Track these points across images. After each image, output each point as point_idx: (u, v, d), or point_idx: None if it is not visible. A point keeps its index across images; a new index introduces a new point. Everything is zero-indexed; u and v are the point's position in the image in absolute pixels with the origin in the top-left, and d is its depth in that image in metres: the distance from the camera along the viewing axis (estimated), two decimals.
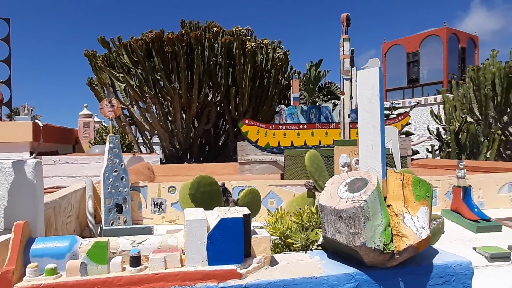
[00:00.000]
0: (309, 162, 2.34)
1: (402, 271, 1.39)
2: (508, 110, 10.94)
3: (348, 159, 3.99)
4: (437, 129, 11.96)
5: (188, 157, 8.20)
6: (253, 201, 2.05)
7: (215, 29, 7.57)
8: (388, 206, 1.45)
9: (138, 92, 7.67)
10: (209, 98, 7.76)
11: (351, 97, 4.34)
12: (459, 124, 11.08)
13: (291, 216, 1.79)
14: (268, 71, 8.04)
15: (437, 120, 12.44)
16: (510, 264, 2.44)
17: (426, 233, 1.38)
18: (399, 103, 17.69)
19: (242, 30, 7.85)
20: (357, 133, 5.04)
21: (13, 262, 1.12)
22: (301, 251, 1.60)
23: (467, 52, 21.90)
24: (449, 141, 11.30)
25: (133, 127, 8.63)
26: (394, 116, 6.28)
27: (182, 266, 1.26)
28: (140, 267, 1.20)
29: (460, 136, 10.78)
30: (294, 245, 1.62)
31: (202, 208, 1.46)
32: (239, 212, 1.38)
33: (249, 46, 7.28)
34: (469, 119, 11.71)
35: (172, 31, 7.43)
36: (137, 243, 1.29)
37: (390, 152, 4.18)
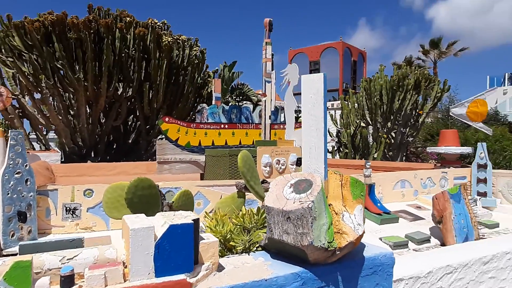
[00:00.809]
0: (242, 162, 2.32)
1: (341, 265, 1.49)
2: (392, 117, 12.73)
3: (270, 159, 4.11)
4: (336, 131, 13.23)
5: (93, 156, 7.44)
6: (187, 203, 1.96)
7: (127, 19, 7.02)
8: (329, 205, 1.53)
9: (32, 80, 6.64)
10: (119, 93, 7.16)
11: (271, 99, 4.48)
12: (354, 128, 12.47)
13: (230, 218, 1.75)
14: (184, 69, 7.80)
15: (335, 124, 13.79)
16: (408, 250, 2.82)
17: (362, 229, 1.49)
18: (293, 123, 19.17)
19: (158, 24, 7.45)
20: (275, 134, 5.25)
21: None
22: (243, 253, 1.58)
23: (358, 65, 24.98)
24: (346, 143, 12.64)
25: (24, 120, 7.44)
26: None
27: (125, 281, 1.12)
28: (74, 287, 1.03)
29: (355, 139, 12.14)
30: (236, 248, 1.59)
31: (143, 214, 1.32)
32: (186, 217, 1.29)
33: (165, 41, 6.95)
34: (362, 124, 13.27)
35: (77, 15, 6.65)
36: (68, 259, 1.11)
37: None
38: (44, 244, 1.17)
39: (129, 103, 7.57)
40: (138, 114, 7.77)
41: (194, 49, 7.82)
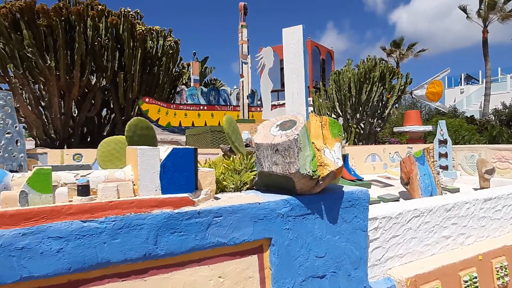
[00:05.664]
0: (227, 124, 2.46)
1: (324, 196, 1.67)
2: (360, 108, 13.25)
3: (250, 135, 4.29)
4: None
5: (66, 148, 7.27)
6: None
7: (99, 7, 6.93)
8: (312, 143, 1.70)
9: (0, 70, 6.43)
10: (93, 83, 7.05)
11: (248, 80, 4.63)
12: None
13: (221, 162, 1.89)
14: (159, 59, 7.79)
15: None
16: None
17: (341, 163, 1.68)
18: (274, 103, 19.68)
19: (131, 13, 7.40)
20: (252, 116, 5.42)
21: None
22: (235, 192, 1.72)
23: (326, 63, 25.79)
24: None
25: None
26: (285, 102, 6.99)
27: (135, 196, 1.24)
28: (90, 197, 1.14)
29: None
30: (228, 187, 1.73)
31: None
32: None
33: (139, 30, 6.92)
34: (333, 115, 13.71)
35: (45, 3, 6.50)
36: (81, 176, 1.21)
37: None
38: (55, 167, 1.27)
39: (103, 94, 7.47)
40: (112, 105, 7.69)
41: (168, 39, 7.83)
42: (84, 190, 1.13)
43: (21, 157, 2.14)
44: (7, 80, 6.49)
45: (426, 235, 2.33)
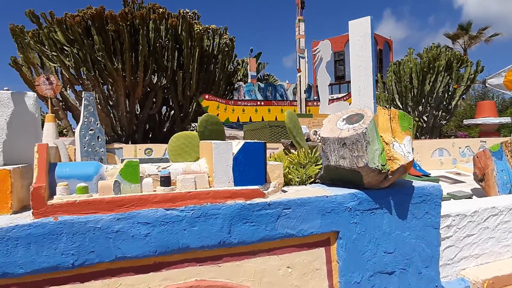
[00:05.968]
0: (288, 119, 2.47)
1: (393, 191, 1.62)
2: (423, 101, 12.44)
3: (307, 130, 4.26)
4: None
5: (131, 144, 7.83)
6: None
7: (160, 10, 7.32)
8: (380, 136, 1.65)
9: (74, 73, 7.09)
10: (155, 82, 7.49)
11: (305, 75, 4.59)
12: None
13: (287, 155, 1.91)
14: (215, 57, 8.03)
15: None
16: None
17: (411, 156, 1.61)
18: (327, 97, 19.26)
19: (189, 14, 7.71)
20: (309, 111, 5.37)
21: (43, 179, 1.07)
22: (301, 186, 1.73)
23: (384, 53, 24.47)
24: None
25: (67, 112, 7.95)
26: (343, 95, 6.84)
27: (210, 187, 1.31)
28: (172, 187, 1.23)
29: None
30: (294, 180, 1.75)
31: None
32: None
33: (197, 30, 7.20)
34: (392, 108, 13.05)
35: (112, 10, 7.02)
36: (163, 168, 1.31)
37: None
38: (141, 160, 1.38)
39: (163, 92, 7.90)
40: (172, 103, 8.09)
41: (224, 37, 8.03)
42: (166, 181, 1.22)
43: (102, 151, 2.36)
44: (81, 82, 7.13)
45: (505, 235, 2.16)
